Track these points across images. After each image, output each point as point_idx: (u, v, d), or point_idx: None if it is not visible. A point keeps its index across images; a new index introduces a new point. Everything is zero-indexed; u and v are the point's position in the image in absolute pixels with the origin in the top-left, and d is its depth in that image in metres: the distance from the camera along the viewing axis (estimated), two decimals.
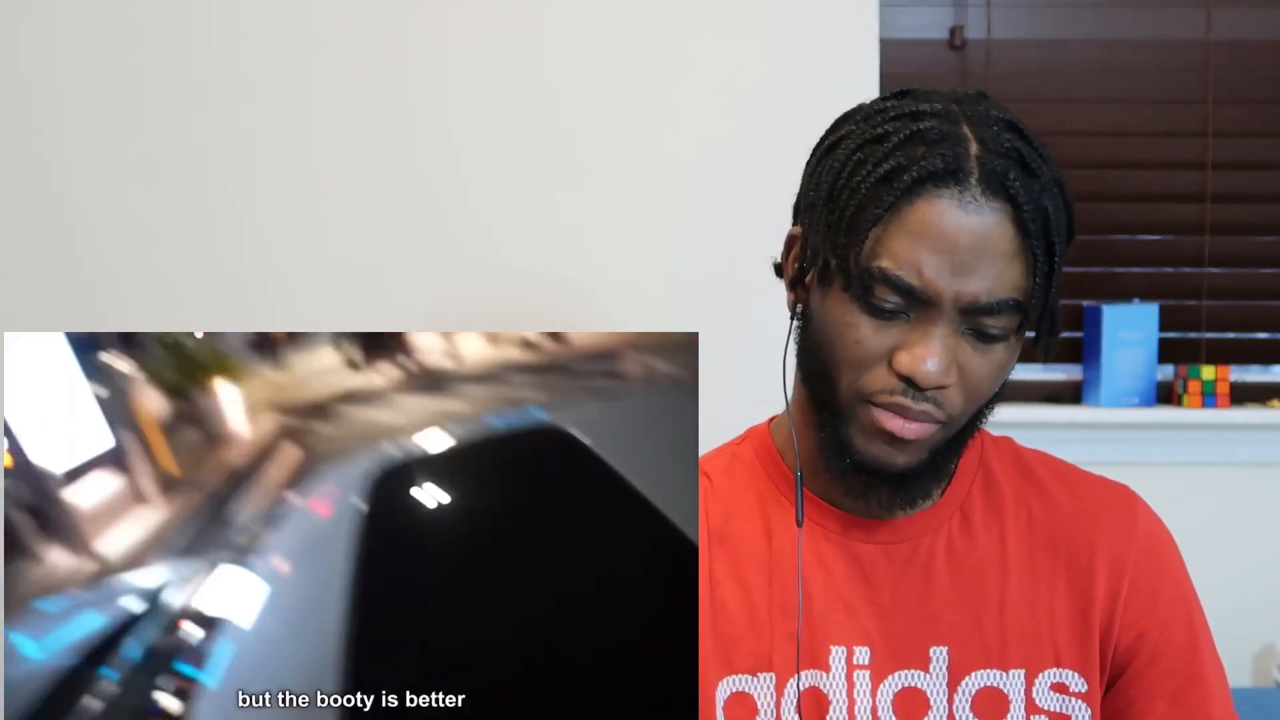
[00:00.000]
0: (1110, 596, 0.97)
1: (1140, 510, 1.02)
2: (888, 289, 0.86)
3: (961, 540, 0.99)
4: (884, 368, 0.88)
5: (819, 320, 0.92)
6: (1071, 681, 0.96)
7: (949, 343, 0.87)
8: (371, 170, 1.87)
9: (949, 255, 0.85)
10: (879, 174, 0.87)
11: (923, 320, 0.87)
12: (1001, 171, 0.85)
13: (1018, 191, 0.85)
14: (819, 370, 0.92)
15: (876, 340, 0.88)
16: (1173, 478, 1.85)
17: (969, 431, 0.94)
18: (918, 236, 0.85)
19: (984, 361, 0.88)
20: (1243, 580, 1.81)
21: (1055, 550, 0.99)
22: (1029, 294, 0.87)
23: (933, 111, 0.89)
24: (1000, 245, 0.86)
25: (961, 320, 0.87)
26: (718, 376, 1.85)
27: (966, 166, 0.85)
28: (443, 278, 1.87)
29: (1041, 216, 0.87)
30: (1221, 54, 1.95)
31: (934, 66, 1.95)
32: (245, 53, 1.86)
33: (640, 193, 1.86)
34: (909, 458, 0.91)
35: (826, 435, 0.93)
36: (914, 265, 0.85)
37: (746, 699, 0.96)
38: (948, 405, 0.89)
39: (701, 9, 1.86)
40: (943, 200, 0.85)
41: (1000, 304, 0.86)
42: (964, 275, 0.85)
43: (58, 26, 1.86)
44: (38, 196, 1.87)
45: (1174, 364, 1.94)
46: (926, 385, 0.87)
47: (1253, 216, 1.97)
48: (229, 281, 1.87)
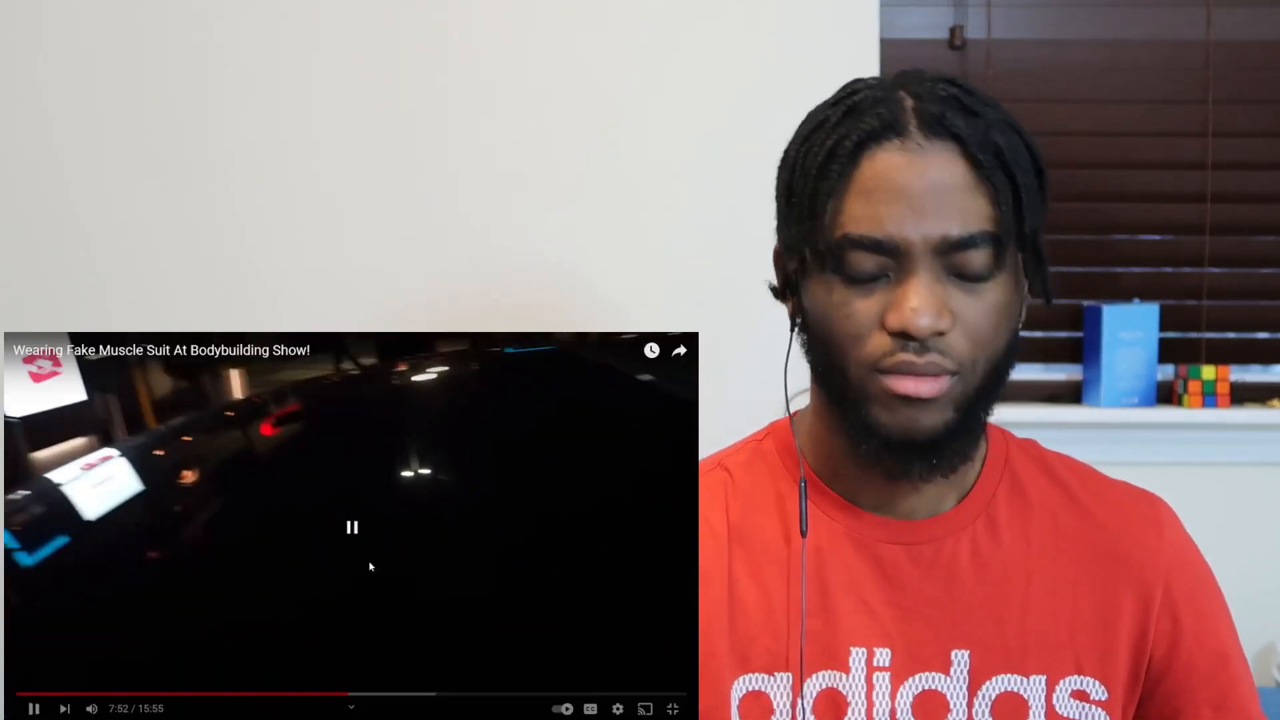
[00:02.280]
0: (1142, 607, 0.97)
1: (1166, 518, 1.01)
2: (859, 252, 0.88)
3: (986, 542, 0.98)
4: (880, 333, 0.89)
5: (812, 313, 0.93)
6: (1092, 689, 0.96)
7: (934, 289, 0.87)
8: (371, 170, 1.87)
9: (905, 202, 0.86)
10: (824, 150, 0.90)
11: (902, 276, 0.88)
12: (938, 114, 0.88)
13: (959, 128, 0.87)
14: (826, 361, 0.93)
15: (865, 308, 0.89)
16: (1173, 478, 1.83)
17: (991, 388, 0.92)
18: (871, 193, 0.87)
19: (977, 303, 0.88)
20: (1243, 580, 1.80)
21: (1080, 557, 0.98)
22: (998, 222, 0.87)
23: (868, 84, 0.92)
24: (953, 180, 0.87)
25: (940, 264, 0.87)
26: (718, 376, 1.85)
27: (903, 119, 0.88)
28: (442, 278, 1.87)
29: (991, 148, 0.88)
30: (1221, 54, 1.95)
31: (934, 66, 1.91)
32: (250, 52, 1.86)
33: (640, 192, 1.86)
34: (934, 418, 0.90)
35: (851, 425, 0.93)
36: (875, 220, 0.87)
37: (762, 698, 0.95)
38: (953, 352, 0.88)
39: (701, 9, 1.86)
40: (887, 152, 0.87)
41: (971, 237, 0.87)
42: (925, 217, 0.86)
43: (62, 28, 1.86)
44: (38, 197, 1.87)
45: (1174, 364, 1.94)
46: (920, 334, 0.87)
47: (1253, 216, 1.97)
48: (229, 281, 1.87)
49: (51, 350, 0.78)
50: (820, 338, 0.93)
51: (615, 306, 1.86)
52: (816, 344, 0.94)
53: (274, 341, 0.79)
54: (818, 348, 0.94)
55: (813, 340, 0.94)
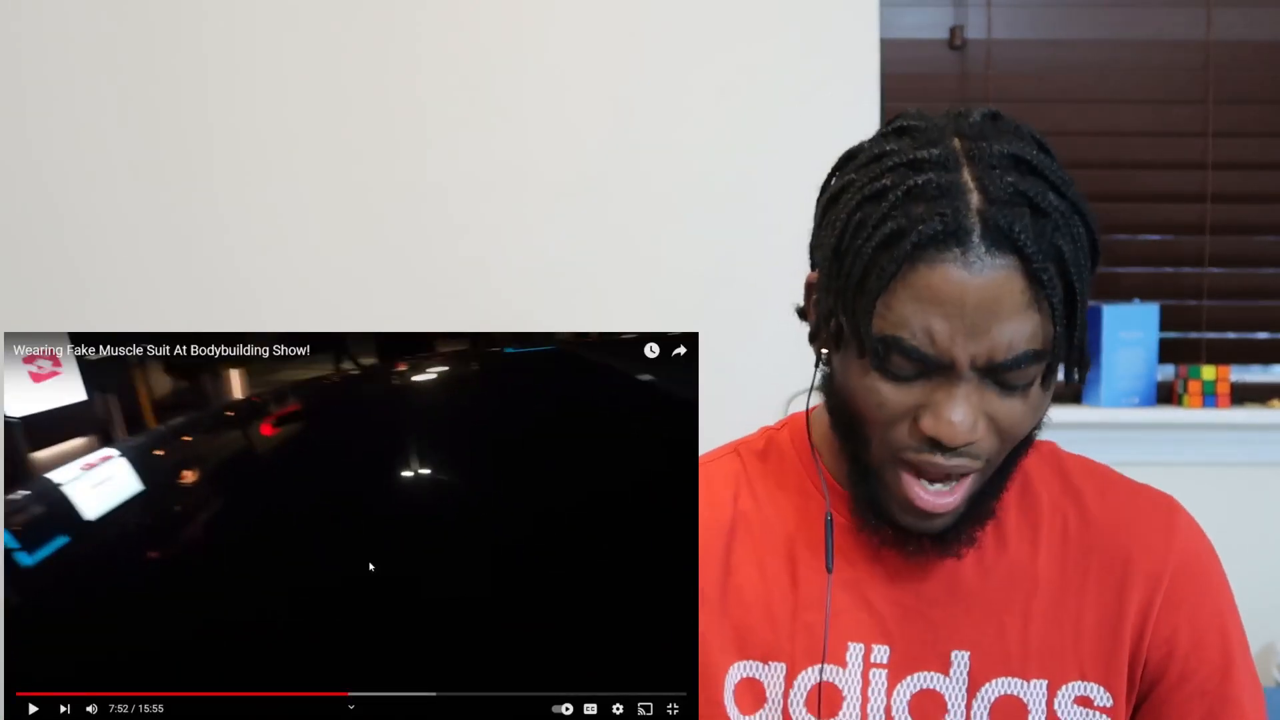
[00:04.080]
0: (1142, 610, 0.96)
1: (1180, 522, 1.00)
2: (903, 358, 0.84)
3: (992, 547, 0.97)
4: (910, 423, 0.87)
5: (841, 380, 0.91)
6: (1096, 695, 0.95)
7: (973, 400, 0.85)
8: (371, 170, 1.87)
9: (959, 319, 0.82)
10: (880, 237, 0.84)
11: (943, 380, 0.85)
12: (1006, 225, 0.81)
13: (1025, 242, 0.82)
14: (848, 425, 0.92)
15: (899, 400, 0.86)
16: (1173, 478, 1.83)
17: (1006, 470, 0.92)
18: (925, 303, 0.83)
19: (1015, 407, 0.86)
20: (1243, 580, 1.79)
21: (1088, 562, 0.97)
22: (1049, 341, 0.84)
23: (931, 160, 0.85)
24: (1011, 301, 0.82)
25: (981, 376, 0.85)
26: (718, 376, 1.85)
27: (967, 224, 0.82)
28: (441, 277, 1.87)
29: (1055, 260, 0.83)
30: (1221, 54, 1.95)
31: (934, 66, 1.95)
32: (244, 56, 1.87)
33: (640, 192, 1.86)
34: (946, 520, 0.90)
35: (860, 492, 0.93)
36: (925, 332, 0.83)
37: (756, 686, 0.95)
38: (981, 453, 0.87)
39: (701, 9, 1.86)
40: (946, 264, 0.82)
41: (1018, 359, 0.83)
42: (977, 336, 0.82)
43: (53, 30, 1.86)
44: (36, 198, 1.87)
45: (1174, 364, 1.94)
46: (954, 445, 0.85)
47: (1253, 216, 1.97)
48: (230, 282, 1.87)
49: (51, 350, 0.78)
50: (845, 405, 0.91)
51: (615, 306, 1.86)
52: (840, 405, 0.92)
53: (274, 341, 0.79)
54: (841, 409, 0.92)
55: (837, 398, 0.93)
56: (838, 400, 0.92)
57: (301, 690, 0.76)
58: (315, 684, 0.76)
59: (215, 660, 0.76)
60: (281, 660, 0.76)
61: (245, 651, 0.76)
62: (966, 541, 0.93)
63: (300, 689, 0.76)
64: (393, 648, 0.76)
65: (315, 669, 0.76)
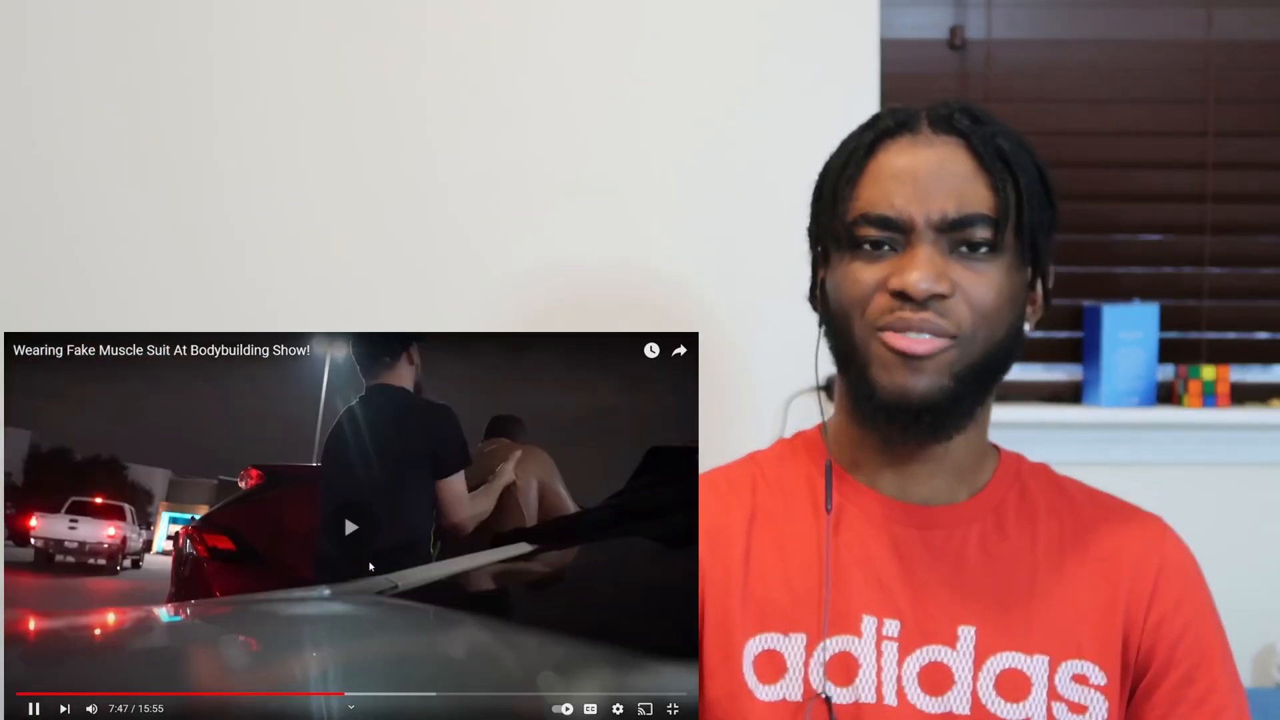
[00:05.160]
0: (1135, 598, 1.01)
1: (1168, 533, 1.07)
2: (868, 226, 0.98)
3: (994, 536, 1.04)
4: (883, 294, 0.97)
5: (830, 295, 1.02)
6: (1092, 674, 1.00)
7: (935, 259, 0.96)
8: (371, 170, 1.87)
9: (912, 184, 0.97)
10: (846, 152, 1.01)
11: (907, 248, 0.97)
12: (947, 115, 1.00)
13: (966, 127, 0.98)
14: (837, 332, 1.01)
15: (871, 274, 0.98)
16: (1173, 478, 1.85)
17: (989, 365, 0.99)
18: (883, 178, 0.98)
19: (978, 277, 0.97)
20: (1243, 580, 1.80)
21: (1084, 553, 1.03)
22: (997, 208, 0.97)
23: (894, 109, 1.01)
24: (956, 168, 0.98)
25: (942, 240, 0.96)
26: (718, 376, 1.85)
27: (916, 120, 1.00)
28: (440, 278, 1.87)
29: (993, 147, 0.98)
30: (1221, 54, 1.95)
31: (934, 66, 1.95)
32: (248, 55, 1.87)
33: (640, 192, 1.86)
34: (929, 380, 0.97)
35: (855, 387, 1.01)
36: (885, 199, 0.97)
37: (776, 656, 1.00)
38: (950, 315, 0.96)
39: (701, 9, 1.86)
40: (899, 145, 0.99)
41: (968, 217, 0.96)
42: (928, 197, 0.96)
43: (56, 28, 1.86)
44: (37, 198, 1.87)
45: (1174, 364, 1.94)
46: (918, 295, 0.95)
47: (1253, 216, 1.97)
48: (229, 283, 1.87)
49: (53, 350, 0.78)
50: (833, 313, 1.01)
51: (615, 306, 1.86)
52: (830, 320, 1.02)
53: (274, 341, 0.79)
54: (832, 324, 1.02)
55: (829, 319, 1.03)
56: (830, 317, 1.03)
57: (301, 690, 0.76)
58: (315, 684, 0.76)
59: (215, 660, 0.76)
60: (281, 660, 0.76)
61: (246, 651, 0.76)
62: (953, 421, 1.00)
63: (300, 689, 0.76)
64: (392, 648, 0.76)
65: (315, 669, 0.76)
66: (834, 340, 1.03)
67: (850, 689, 0.98)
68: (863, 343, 0.99)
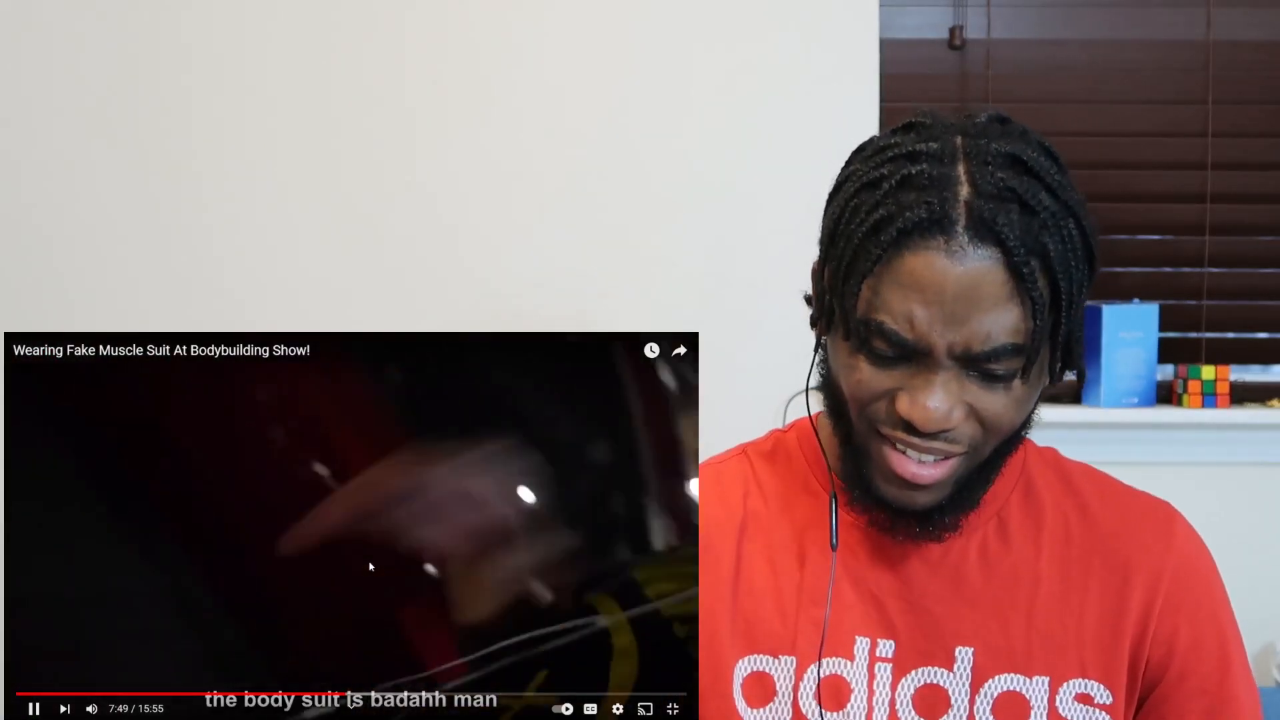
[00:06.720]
0: (1143, 610, 0.97)
1: (1179, 527, 1.01)
2: (883, 341, 0.86)
3: (996, 545, 0.98)
4: (889, 403, 0.88)
5: (831, 359, 0.93)
6: (1096, 693, 0.96)
7: (950, 387, 0.86)
8: (370, 170, 1.87)
9: (939, 306, 0.84)
10: (870, 223, 0.86)
11: (922, 367, 0.86)
12: (990, 216, 0.83)
13: (1008, 235, 0.83)
14: (834, 405, 0.94)
15: (879, 381, 0.88)
16: (1173, 478, 1.84)
17: (995, 464, 0.93)
18: (907, 289, 0.85)
19: (996, 399, 0.87)
20: (1242, 580, 1.79)
21: (1090, 563, 0.98)
22: (1029, 335, 0.85)
23: (929, 153, 0.87)
24: (992, 292, 0.84)
25: (961, 365, 0.86)
26: (718, 376, 1.85)
27: (953, 215, 0.84)
28: (440, 278, 1.87)
29: (1039, 256, 0.84)
30: (1221, 54, 1.95)
31: (934, 66, 1.95)
32: (232, 56, 1.87)
33: (640, 192, 1.87)
34: (931, 497, 0.91)
35: (849, 471, 0.95)
36: (906, 317, 0.85)
37: (765, 679, 0.96)
38: (961, 438, 0.88)
39: (701, 9, 1.86)
40: (929, 251, 0.84)
41: (996, 350, 0.85)
42: (955, 325, 0.84)
43: (39, 31, 1.86)
44: (37, 198, 1.87)
45: (1174, 364, 1.94)
46: (927, 430, 0.86)
47: (1253, 216, 1.97)
48: (231, 282, 1.87)
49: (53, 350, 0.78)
50: (832, 384, 0.94)
51: (615, 306, 1.86)
52: (828, 384, 0.95)
53: (274, 341, 0.79)
54: (829, 388, 0.95)
55: (827, 378, 0.95)
56: (828, 380, 0.94)
57: (301, 690, 0.76)
58: (315, 683, 0.76)
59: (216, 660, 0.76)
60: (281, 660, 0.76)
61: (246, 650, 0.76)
62: (950, 526, 0.94)
63: (300, 689, 0.76)
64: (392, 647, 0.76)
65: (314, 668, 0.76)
66: (831, 408, 0.95)
67: (841, 714, 0.95)
68: (862, 435, 0.92)
